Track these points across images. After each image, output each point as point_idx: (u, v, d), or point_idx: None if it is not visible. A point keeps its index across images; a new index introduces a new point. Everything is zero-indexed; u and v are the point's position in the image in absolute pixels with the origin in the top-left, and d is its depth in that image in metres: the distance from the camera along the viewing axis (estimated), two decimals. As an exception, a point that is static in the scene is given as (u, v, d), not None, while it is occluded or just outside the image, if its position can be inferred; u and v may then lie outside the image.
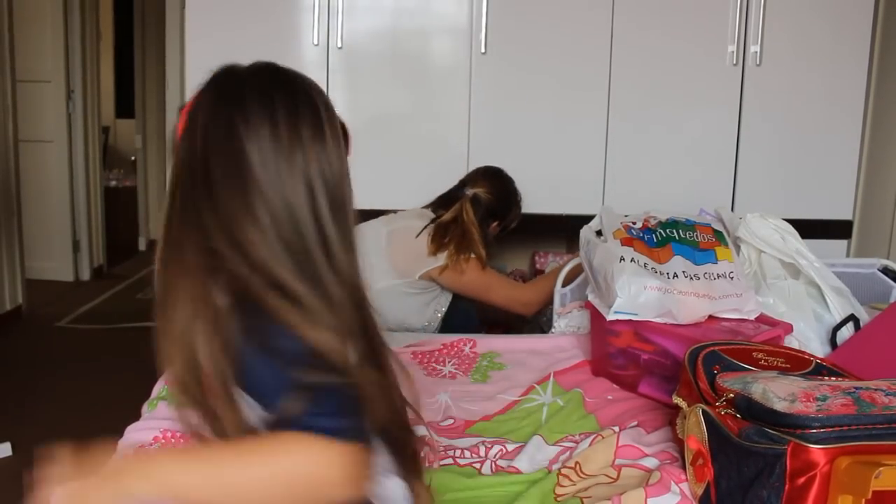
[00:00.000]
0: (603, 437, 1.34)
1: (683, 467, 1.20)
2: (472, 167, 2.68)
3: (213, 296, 0.75)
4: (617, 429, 1.37)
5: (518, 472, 1.29)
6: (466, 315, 2.29)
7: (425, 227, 2.17)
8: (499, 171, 2.34)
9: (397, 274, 2.15)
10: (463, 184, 2.30)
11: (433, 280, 2.17)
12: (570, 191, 2.71)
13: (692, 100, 2.77)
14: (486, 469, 1.31)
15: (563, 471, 1.26)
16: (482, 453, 1.35)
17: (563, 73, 2.75)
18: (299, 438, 0.70)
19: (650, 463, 1.25)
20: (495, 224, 2.29)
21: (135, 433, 1.35)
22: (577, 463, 1.27)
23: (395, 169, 2.71)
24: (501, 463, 1.33)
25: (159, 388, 1.54)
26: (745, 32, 2.71)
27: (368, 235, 2.22)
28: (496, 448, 1.36)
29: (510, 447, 1.37)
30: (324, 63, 2.70)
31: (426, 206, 2.31)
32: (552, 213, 2.46)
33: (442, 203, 2.27)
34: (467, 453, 1.35)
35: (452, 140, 2.75)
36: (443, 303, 2.24)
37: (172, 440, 1.29)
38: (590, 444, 1.32)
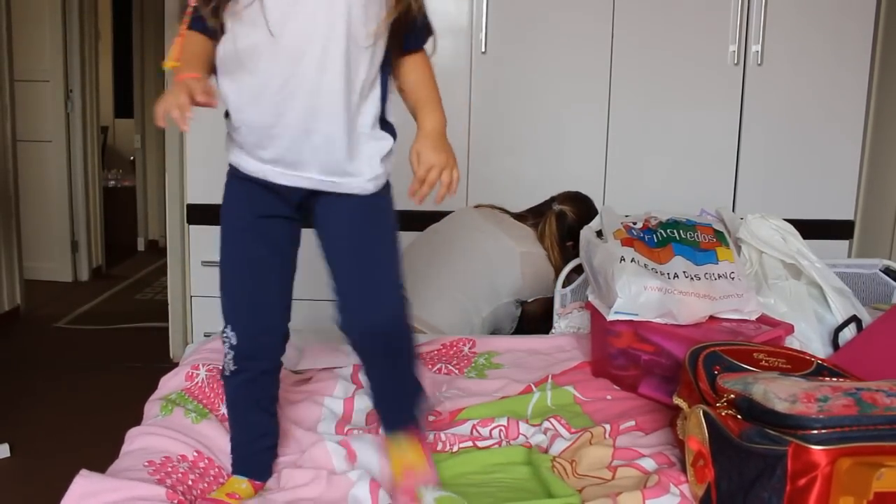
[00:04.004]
0: (593, 435, 1.34)
1: (682, 470, 1.19)
2: (472, 167, 2.68)
3: None
4: (608, 426, 1.37)
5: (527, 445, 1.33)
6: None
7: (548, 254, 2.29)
8: (587, 198, 2.41)
9: (521, 294, 2.23)
10: (552, 200, 2.37)
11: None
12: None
13: (693, 100, 2.76)
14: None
15: (558, 461, 1.26)
16: (496, 435, 1.38)
17: (564, 73, 2.75)
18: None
19: (647, 463, 1.25)
20: (571, 244, 2.31)
21: (153, 438, 1.29)
22: (573, 461, 1.26)
23: (395, 169, 2.70)
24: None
25: (170, 388, 1.48)
26: (747, 32, 2.70)
27: (494, 249, 2.23)
28: (497, 430, 1.39)
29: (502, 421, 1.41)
30: (323, 62, 2.69)
31: (514, 216, 2.35)
32: (553, 213, 2.46)
33: (531, 215, 2.36)
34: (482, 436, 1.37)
35: (452, 140, 2.72)
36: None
37: (202, 465, 1.26)
38: (576, 440, 1.33)
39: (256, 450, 1.27)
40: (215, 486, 1.24)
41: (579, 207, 2.35)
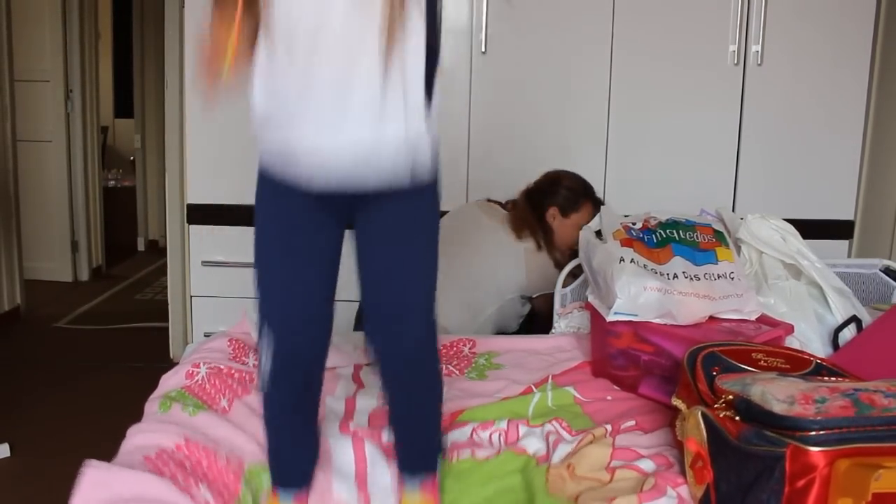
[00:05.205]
0: (594, 437, 1.34)
1: (680, 472, 1.19)
2: (472, 167, 2.68)
3: None
4: (609, 427, 1.37)
5: (524, 451, 1.32)
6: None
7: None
8: (556, 170, 2.37)
9: (526, 290, 2.23)
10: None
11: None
12: (569, 191, 2.70)
13: (693, 99, 2.76)
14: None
15: (554, 471, 1.25)
16: (496, 441, 1.36)
17: (564, 73, 2.75)
18: None
19: (645, 465, 1.24)
20: (553, 209, 2.28)
21: (148, 434, 1.30)
22: (570, 465, 1.26)
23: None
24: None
25: (170, 386, 1.50)
26: (747, 32, 2.70)
27: (499, 246, 2.23)
28: (496, 434, 1.38)
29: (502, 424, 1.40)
30: (323, 63, 2.69)
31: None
32: (552, 214, 2.46)
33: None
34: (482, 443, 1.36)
35: (452, 140, 2.74)
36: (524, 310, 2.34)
37: (196, 453, 1.26)
38: (579, 442, 1.32)
39: (300, 460, 1.20)
40: (214, 468, 1.23)
41: (542, 176, 2.33)
